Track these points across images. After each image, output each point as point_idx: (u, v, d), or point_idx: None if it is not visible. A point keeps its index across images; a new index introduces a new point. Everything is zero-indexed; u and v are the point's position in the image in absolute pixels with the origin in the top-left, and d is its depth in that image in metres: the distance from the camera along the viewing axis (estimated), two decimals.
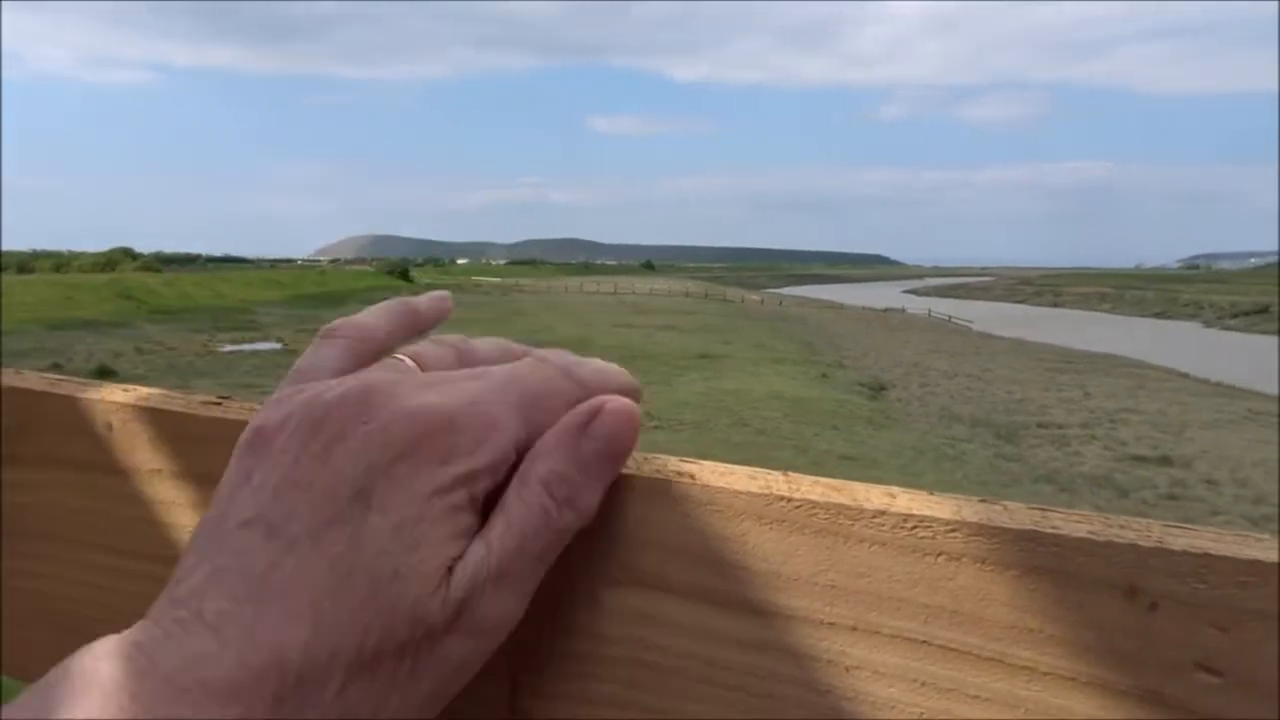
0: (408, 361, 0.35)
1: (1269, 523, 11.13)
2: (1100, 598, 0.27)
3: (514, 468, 0.32)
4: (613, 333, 31.27)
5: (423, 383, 0.33)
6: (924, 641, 0.29)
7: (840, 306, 59.38)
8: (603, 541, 0.34)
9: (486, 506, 0.32)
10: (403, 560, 0.29)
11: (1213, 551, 0.27)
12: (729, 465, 0.34)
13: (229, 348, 26.45)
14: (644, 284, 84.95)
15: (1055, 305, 78.81)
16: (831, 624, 0.30)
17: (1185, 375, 25.83)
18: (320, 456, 0.30)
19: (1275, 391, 22.62)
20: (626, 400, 0.34)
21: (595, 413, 0.33)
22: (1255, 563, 0.26)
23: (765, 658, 0.31)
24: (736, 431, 14.93)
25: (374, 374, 0.33)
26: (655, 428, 15.15)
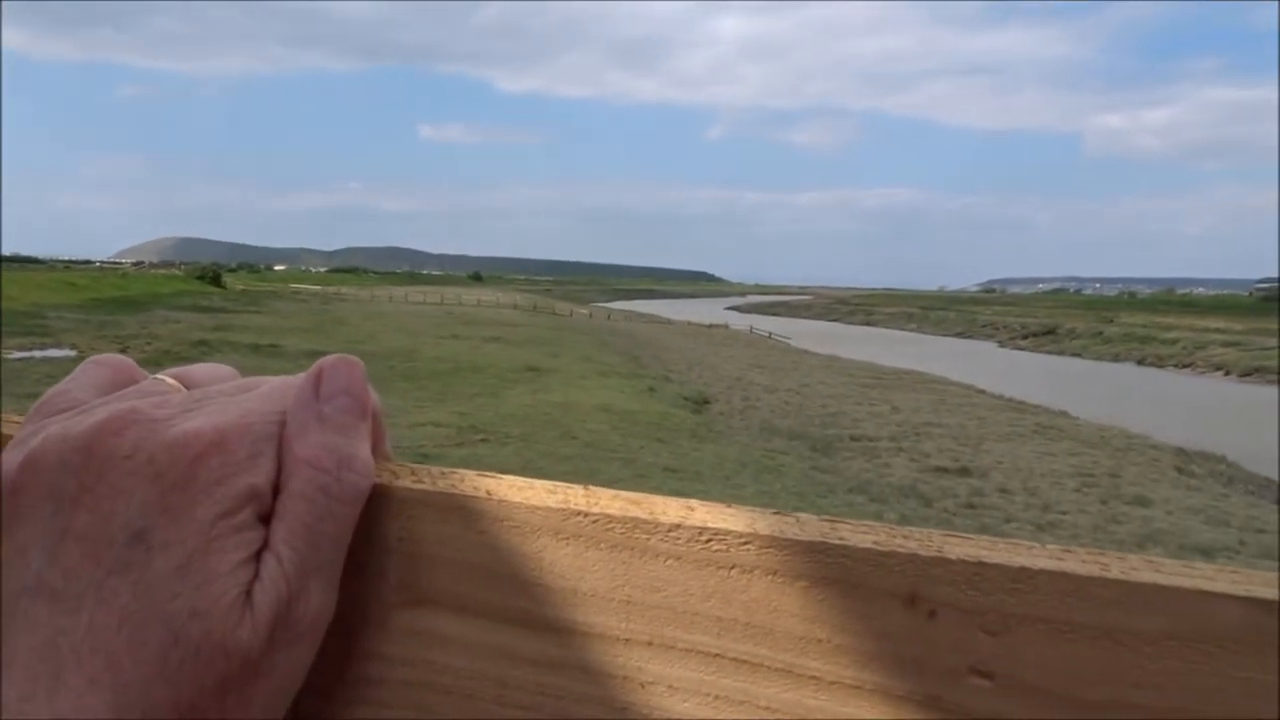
0: (169, 381, 0.33)
1: (1055, 528, 12.01)
2: (884, 606, 0.28)
3: None
4: (439, 344, 30.55)
5: (189, 403, 0.31)
6: (718, 654, 0.29)
7: (667, 321, 60.42)
8: (394, 561, 0.33)
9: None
10: (198, 597, 0.27)
11: (986, 559, 0.28)
12: (529, 480, 0.33)
13: (16, 355, 24.12)
14: (471, 295, 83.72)
15: (868, 324, 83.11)
16: (628, 639, 0.30)
17: (982, 391, 27.64)
18: (82, 502, 0.28)
19: (1059, 407, 24.61)
20: (339, 355, 0.34)
21: (318, 375, 0.32)
22: (1024, 569, 0.27)
23: (561, 676, 0.31)
24: (564, 444, 14.83)
25: (128, 400, 0.31)
26: (482, 441, 14.84)
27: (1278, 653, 0.26)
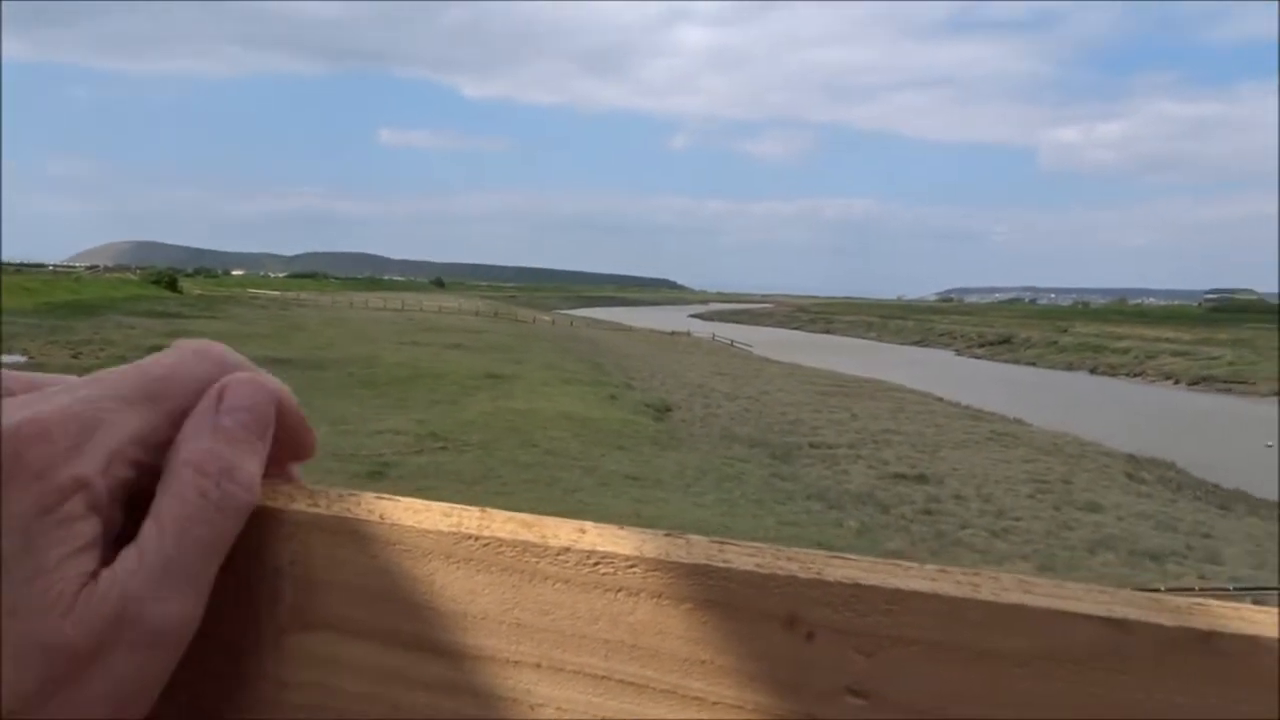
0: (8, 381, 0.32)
1: (1010, 534, 12.22)
2: (764, 628, 0.28)
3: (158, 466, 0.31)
4: (400, 350, 30.36)
5: (19, 401, 0.30)
6: (605, 676, 0.30)
7: (629, 329, 60.49)
8: (287, 584, 0.33)
9: (141, 510, 0.30)
10: (20, 594, 0.27)
11: (863, 581, 0.28)
12: (425, 502, 0.33)
13: None
14: (433, 301, 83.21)
15: (828, 332, 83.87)
16: (517, 662, 0.30)
17: (940, 399, 28.02)
18: None
19: (1014, 415, 25.00)
20: (251, 374, 0.33)
21: (222, 389, 0.32)
22: (898, 591, 0.28)
23: (452, 699, 0.31)
24: (524, 451, 14.81)
25: None
26: (441, 448, 14.78)
27: (1136, 671, 0.26)
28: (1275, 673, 0.26)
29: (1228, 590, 8.95)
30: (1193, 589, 9.38)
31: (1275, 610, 0.28)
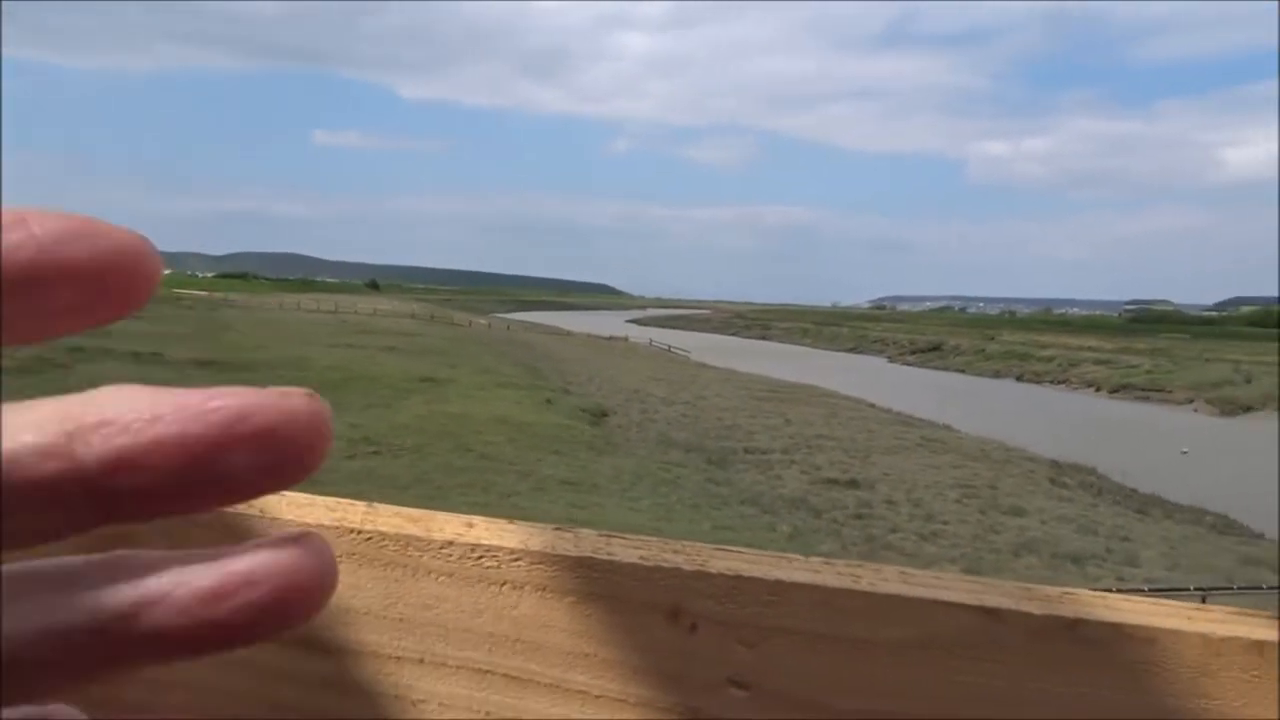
0: None
1: (938, 538, 12.48)
2: (648, 620, 0.29)
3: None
4: (332, 353, 29.83)
5: None
6: (488, 671, 0.30)
7: (567, 333, 60.36)
8: None
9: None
10: None
11: (744, 573, 0.28)
12: (310, 497, 0.33)
13: None
14: (368, 304, 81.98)
15: (764, 338, 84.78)
16: (399, 658, 0.30)
17: (872, 405, 28.50)
18: None
19: (944, 421, 25.55)
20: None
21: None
22: (779, 582, 0.28)
23: (333, 695, 0.31)
24: (459, 456, 14.68)
25: None
26: (374, 453, 14.56)
27: (1006, 658, 0.28)
28: (1137, 657, 0.27)
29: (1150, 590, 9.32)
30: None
31: (1141, 599, 0.29)
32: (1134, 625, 0.28)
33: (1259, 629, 0.29)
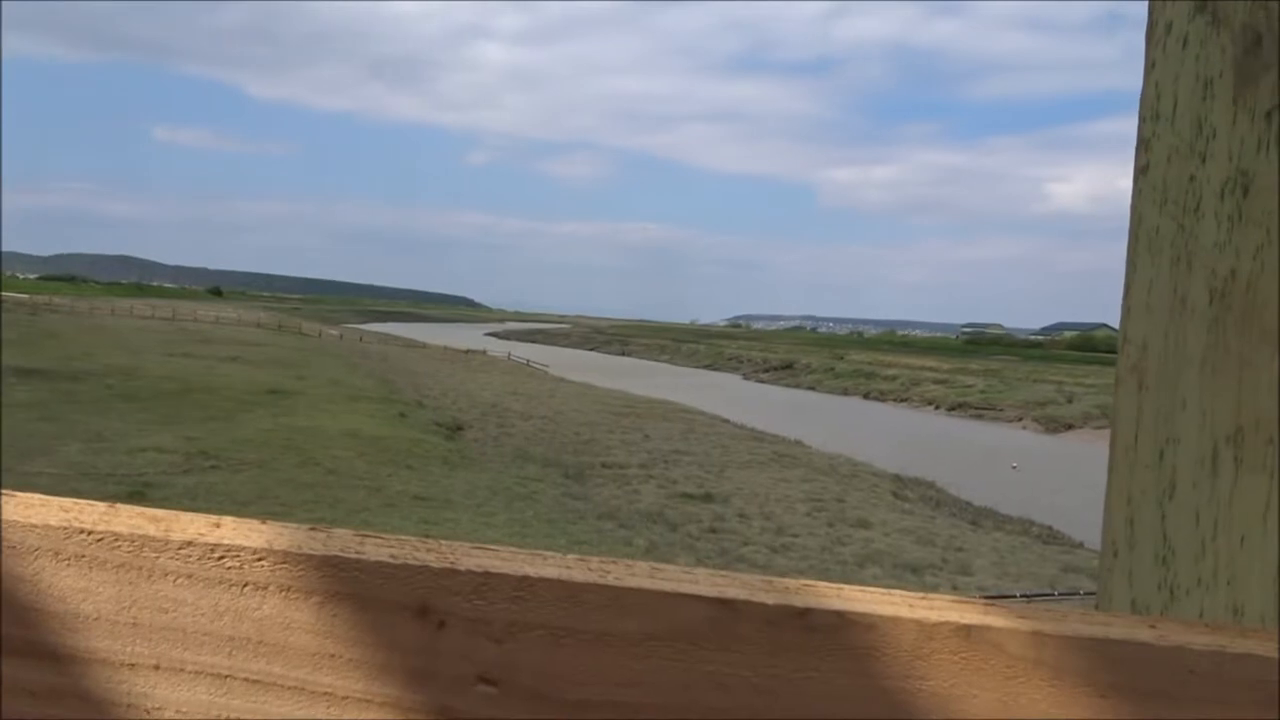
0: None
1: (788, 551, 12.79)
2: (396, 619, 0.29)
3: None
4: (167, 362, 28.19)
5: None
6: (228, 675, 0.29)
7: (423, 346, 59.06)
8: None
9: None
10: None
11: (493, 569, 0.29)
12: (45, 498, 0.31)
13: None
14: (209, 311, 78.04)
15: (624, 354, 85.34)
16: (133, 664, 0.29)
17: (727, 421, 29.04)
18: None
19: (795, 436, 26.30)
20: None
21: None
22: (526, 578, 0.29)
23: (61, 707, 0.29)
24: (306, 471, 14.09)
25: None
26: (213, 467, 13.81)
27: (743, 647, 0.29)
28: (859, 642, 0.30)
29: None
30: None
31: (872, 590, 0.32)
32: (857, 613, 0.30)
33: (968, 614, 0.32)
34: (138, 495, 11.42)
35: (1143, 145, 0.56)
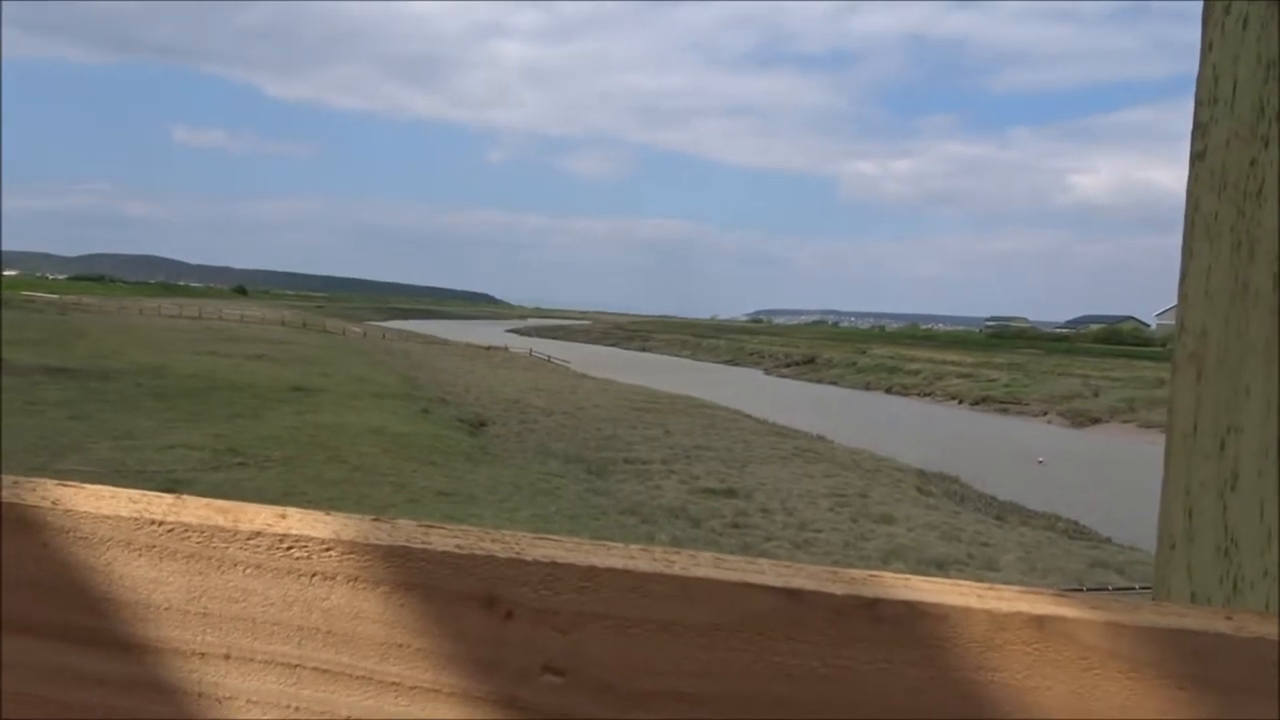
0: None
1: (811, 546, 12.75)
2: (462, 609, 0.29)
3: None
4: (195, 361, 28.48)
5: None
6: (298, 665, 0.29)
7: (445, 342, 59.34)
8: None
9: None
10: None
11: (559, 560, 0.29)
12: (114, 489, 0.32)
13: None
14: (235, 309, 78.72)
15: (644, 350, 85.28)
16: (204, 654, 0.29)
17: (749, 416, 28.97)
18: None
19: (817, 432, 26.22)
20: None
21: None
22: (592, 569, 0.29)
23: (133, 696, 0.30)
24: (331, 468, 14.19)
25: None
26: (239, 464, 13.93)
27: (810, 637, 0.29)
28: (930, 632, 0.29)
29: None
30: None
31: (939, 580, 0.32)
32: (928, 603, 0.30)
33: (1040, 604, 0.32)
34: (168, 492, 11.52)
35: (1199, 130, 0.55)
